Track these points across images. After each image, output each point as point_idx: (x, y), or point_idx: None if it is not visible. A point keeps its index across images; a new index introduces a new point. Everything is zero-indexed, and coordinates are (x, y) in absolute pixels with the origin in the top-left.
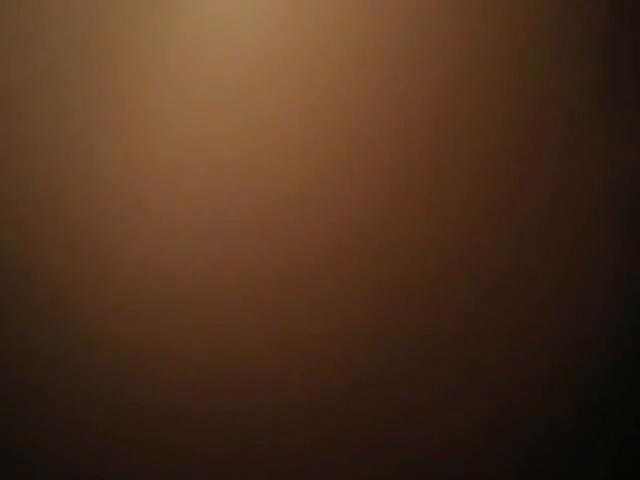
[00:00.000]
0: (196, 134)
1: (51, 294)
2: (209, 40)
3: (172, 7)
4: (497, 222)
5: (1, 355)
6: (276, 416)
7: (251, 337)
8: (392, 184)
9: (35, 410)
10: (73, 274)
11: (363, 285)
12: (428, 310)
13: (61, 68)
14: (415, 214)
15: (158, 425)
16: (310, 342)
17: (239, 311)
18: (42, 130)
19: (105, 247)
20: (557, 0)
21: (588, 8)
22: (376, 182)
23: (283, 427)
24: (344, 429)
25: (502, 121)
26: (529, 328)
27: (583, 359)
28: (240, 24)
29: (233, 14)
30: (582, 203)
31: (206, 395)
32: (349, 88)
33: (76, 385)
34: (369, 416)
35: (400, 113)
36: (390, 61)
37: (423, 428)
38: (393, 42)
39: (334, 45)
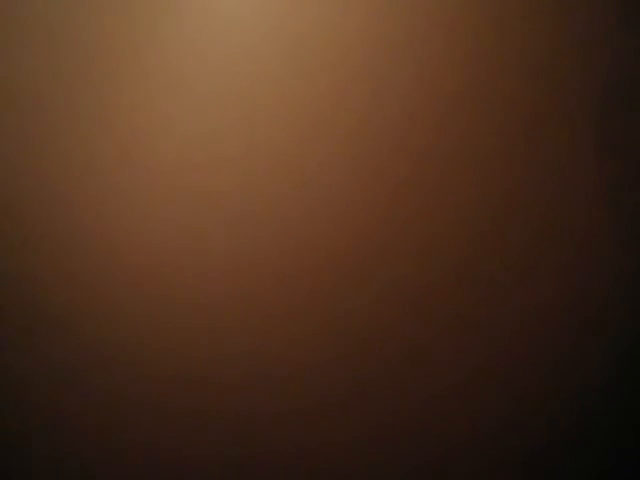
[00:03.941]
0: (197, 132)
1: (51, 293)
2: (209, 36)
3: (172, 3)
4: (496, 225)
5: (1, 354)
6: (275, 416)
7: (250, 336)
8: (392, 183)
9: (34, 409)
10: (73, 273)
11: (362, 285)
12: (428, 309)
13: (61, 67)
14: (415, 215)
15: (158, 424)
16: (311, 341)
17: (238, 310)
18: (42, 129)
19: (105, 245)
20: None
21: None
22: (376, 181)
23: (282, 427)
24: (342, 429)
25: (502, 123)
26: (528, 329)
27: (583, 359)
28: (241, 20)
29: (234, 10)
30: (583, 204)
31: (206, 394)
32: (350, 85)
33: (77, 385)
34: (367, 417)
35: (401, 110)
36: (390, 60)
37: (422, 428)
38: (393, 41)
39: (335, 41)
